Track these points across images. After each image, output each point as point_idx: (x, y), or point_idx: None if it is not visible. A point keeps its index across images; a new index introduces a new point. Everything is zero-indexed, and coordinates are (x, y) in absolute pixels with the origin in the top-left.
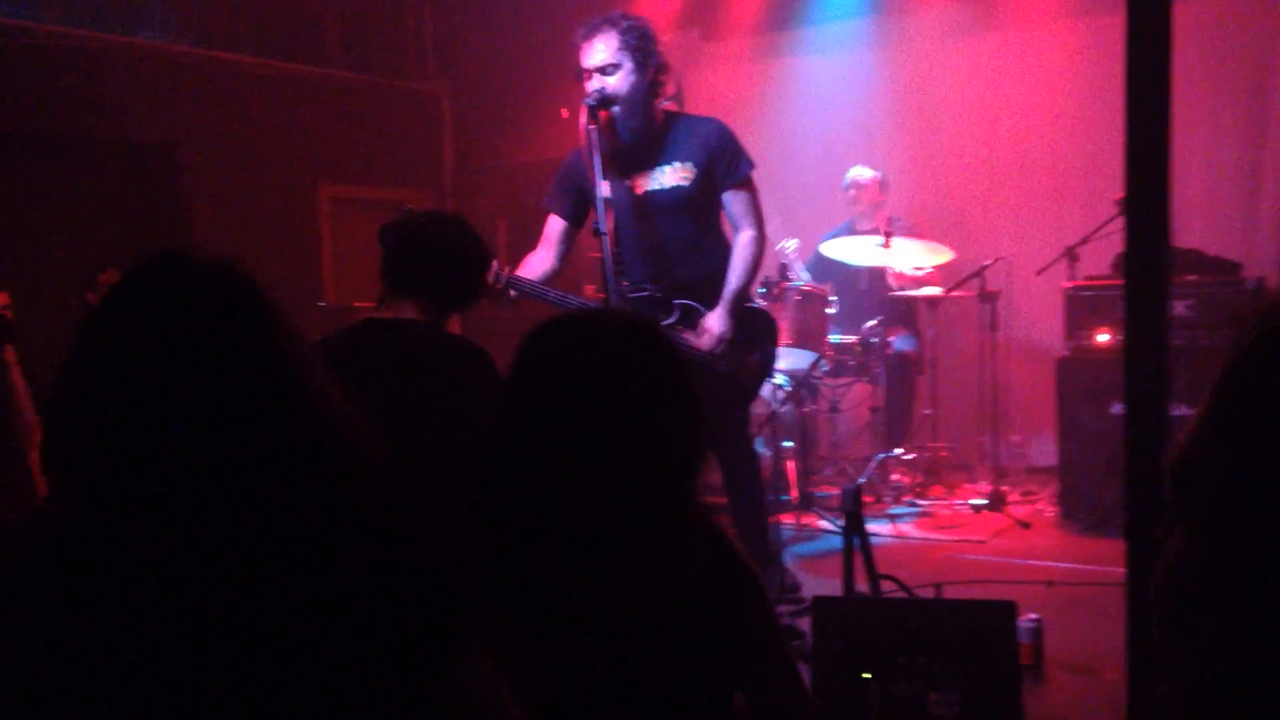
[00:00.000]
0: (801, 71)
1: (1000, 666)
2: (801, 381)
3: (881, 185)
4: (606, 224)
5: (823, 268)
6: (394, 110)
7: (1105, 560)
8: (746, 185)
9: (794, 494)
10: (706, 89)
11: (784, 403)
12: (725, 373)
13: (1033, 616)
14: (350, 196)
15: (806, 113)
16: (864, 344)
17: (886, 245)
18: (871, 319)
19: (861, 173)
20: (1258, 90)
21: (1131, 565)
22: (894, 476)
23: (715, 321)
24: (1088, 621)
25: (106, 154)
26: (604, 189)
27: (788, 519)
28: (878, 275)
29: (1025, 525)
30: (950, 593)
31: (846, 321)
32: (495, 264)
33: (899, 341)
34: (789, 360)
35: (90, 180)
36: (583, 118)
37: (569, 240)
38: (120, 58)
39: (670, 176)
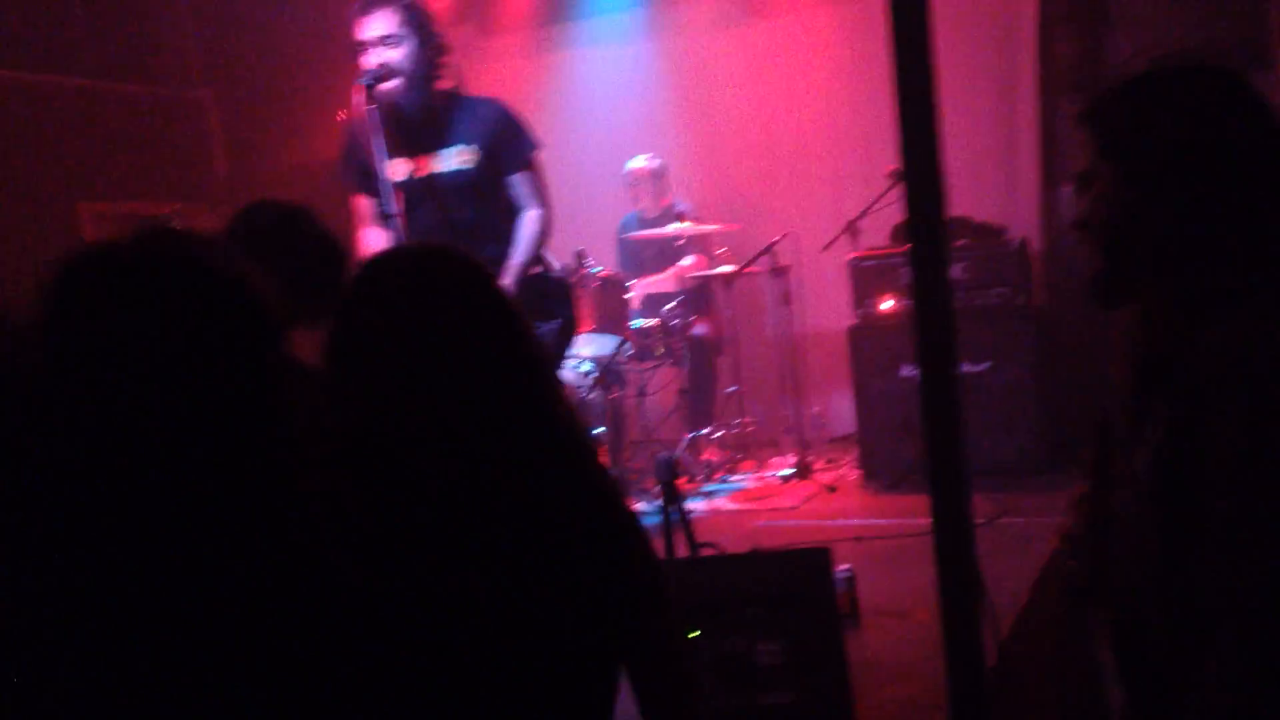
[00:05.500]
0: (579, 64)
1: (821, 610)
2: (607, 367)
3: (657, 173)
4: (394, 206)
5: (619, 257)
6: (158, 120)
7: (906, 514)
8: (530, 166)
9: None
10: (485, 84)
11: (591, 389)
12: None
13: (845, 568)
14: (115, 212)
15: (587, 105)
16: (665, 327)
17: (682, 220)
18: (669, 302)
19: (638, 163)
20: (1008, 65)
21: (937, 517)
22: (705, 455)
23: None
24: (896, 570)
25: None
26: (389, 171)
27: None
28: (669, 259)
29: (831, 489)
30: None
31: (646, 307)
32: None
33: (693, 323)
34: (593, 346)
35: None
36: (358, 97)
37: None
38: None
39: (454, 159)
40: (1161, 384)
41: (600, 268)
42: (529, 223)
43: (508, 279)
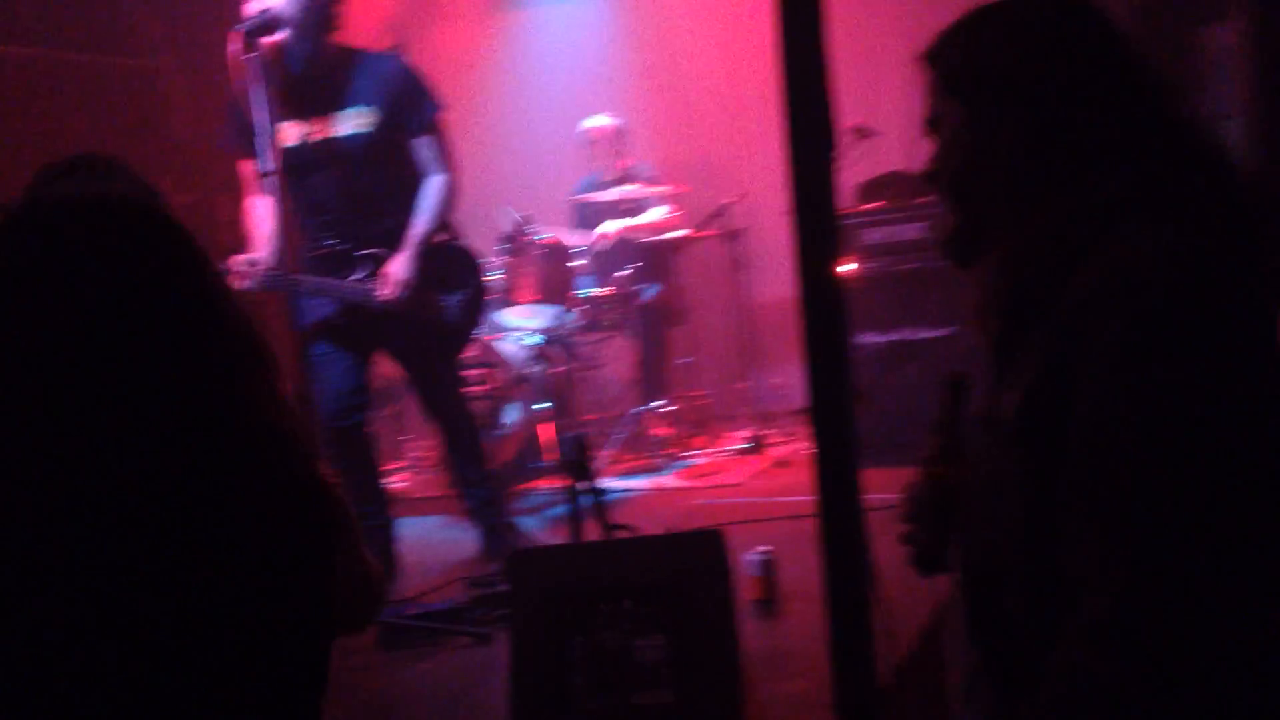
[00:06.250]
0: (537, 23)
1: (710, 599)
2: (553, 339)
3: (617, 134)
4: (271, 163)
5: (576, 221)
6: (114, 89)
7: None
8: (433, 129)
9: (551, 458)
10: (438, 45)
11: (534, 363)
12: (421, 320)
13: (763, 549)
14: None
15: (545, 65)
16: (616, 296)
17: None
18: (623, 269)
19: (595, 122)
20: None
21: (824, 502)
22: (655, 430)
23: (397, 267)
24: None
25: None
26: (280, 135)
27: (546, 484)
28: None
29: (783, 465)
30: None
31: (600, 275)
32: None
33: (644, 291)
34: (536, 318)
35: None
36: (234, 45)
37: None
38: None
39: (350, 122)
40: (1033, 325)
41: (545, 234)
42: (433, 189)
43: (410, 248)
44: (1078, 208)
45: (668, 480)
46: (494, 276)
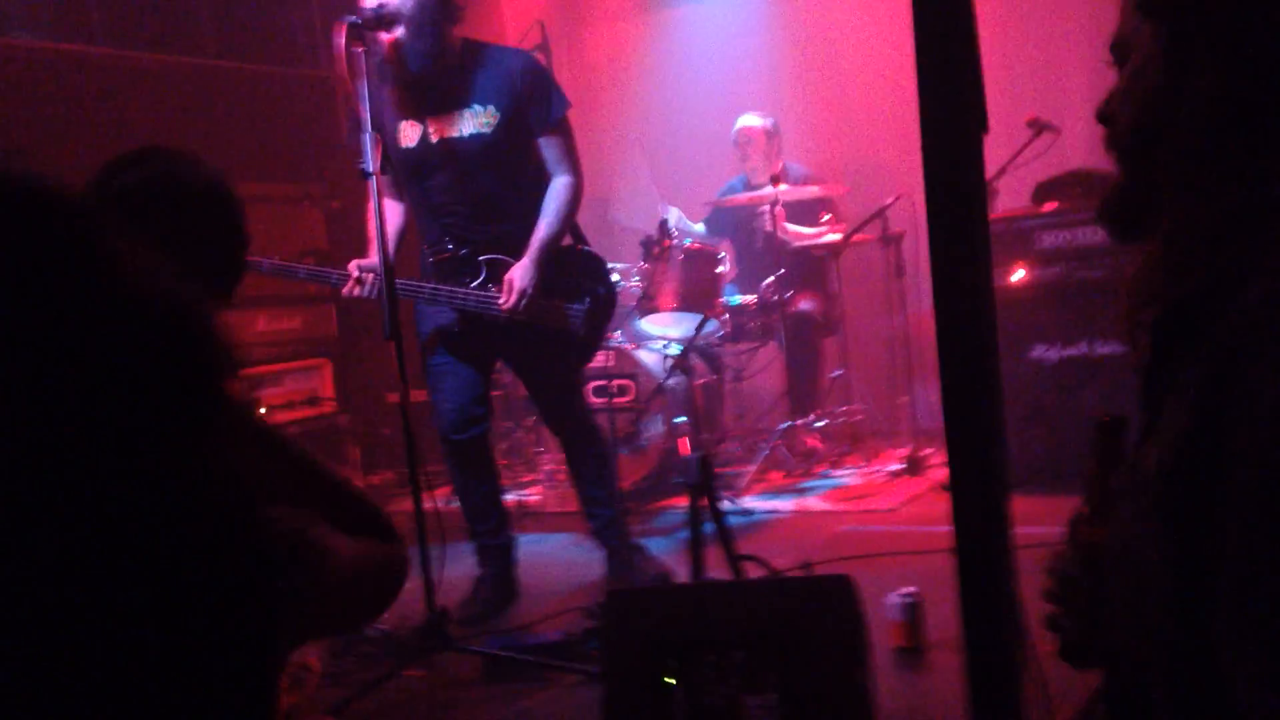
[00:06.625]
0: (690, 20)
1: (834, 653)
2: (695, 349)
3: (770, 133)
4: (372, 164)
5: (719, 225)
6: (282, 100)
7: (1027, 520)
8: (560, 129)
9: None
10: (589, 44)
11: (675, 374)
12: (543, 330)
13: (908, 590)
14: (242, 194)
15: (698, 64)
16: (763, 304)
17: (775, 186)
18: (770, 277)
19: (750, 121)
20: None
21: (960, 530)
22: (803, 447)
23: (518, 275)
24: None
25: None
26: (374, 123)
27: (681, 502)
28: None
29: (944, 488)
30: (828, 570)
31: (747, 282)
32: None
33: (794, 299)
34: (676, 327)
35: None
36: (340, 38)
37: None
38: None
39: (470, 122)
40: (1188, 350)
41: (692, 239)
42: (558, 192)
43: (533, 254)
44: (1262, 199)
45: (813, 502)
46: (634, 282)
